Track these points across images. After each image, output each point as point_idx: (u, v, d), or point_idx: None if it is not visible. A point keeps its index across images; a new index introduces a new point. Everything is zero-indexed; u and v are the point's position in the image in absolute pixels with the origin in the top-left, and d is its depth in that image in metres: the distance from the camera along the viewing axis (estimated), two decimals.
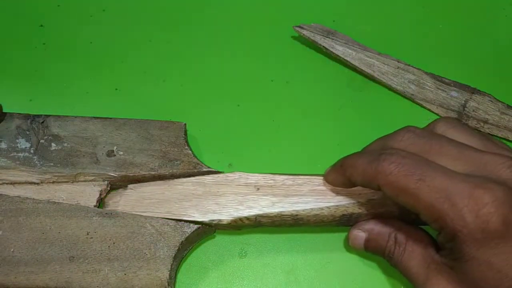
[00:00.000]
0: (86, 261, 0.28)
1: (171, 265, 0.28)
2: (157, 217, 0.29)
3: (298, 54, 0.40)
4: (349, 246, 0.30)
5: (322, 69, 0.40)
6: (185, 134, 0.33)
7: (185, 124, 0.33)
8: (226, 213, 0.29)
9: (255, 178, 0.30)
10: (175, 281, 0.30)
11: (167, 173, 0.31)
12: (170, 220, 0.29)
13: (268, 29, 0.42)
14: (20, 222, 0.29)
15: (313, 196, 0.30)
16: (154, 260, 0.28)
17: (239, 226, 0.30)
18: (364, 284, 0.30)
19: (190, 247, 0.31)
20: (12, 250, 0.28)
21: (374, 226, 0.29)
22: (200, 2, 0.43)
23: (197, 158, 0.32)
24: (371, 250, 0.29)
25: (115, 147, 0.31)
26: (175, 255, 0.28)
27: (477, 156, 0.24)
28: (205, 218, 0.29)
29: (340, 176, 0.28)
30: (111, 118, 0.33)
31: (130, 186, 0.31)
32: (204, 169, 0.31)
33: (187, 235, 0.29)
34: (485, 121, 0.36)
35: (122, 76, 0.38)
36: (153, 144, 0.32)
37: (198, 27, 0.42)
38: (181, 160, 0.31)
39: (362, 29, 0.42)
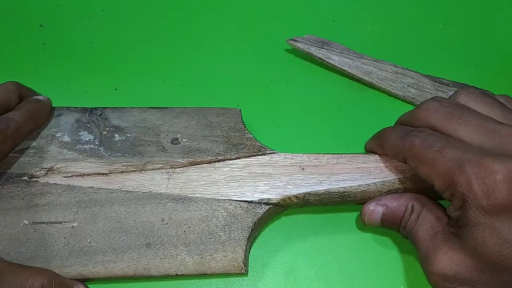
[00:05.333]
0: (163, 247, 0.28)
1: (246, 246, 0.29)
2: (229, 200, 0.30)
3: (298, 54, 0.40)
4: (362, 223, 0.30)
5: (322, 69, 0.40)
6: (242, 119, 0.33)
7: (240, 110, 0.34)
8: (274, 192, 0.30)
9: (299, 158, 0.31)
10: (248, 261, 0.30)
11: (233, 157, 0.31)
12: (242, 202, 0.30)
13: (268, 29, 0.42)
14: (95, 212, 0.29)
15: (358, 173, 0.30)
16: (229, 242, 0.29)
17: (287, 205, 0.30)
18: (364, 284, 0.30)
19: (261, 228, 0.31)
20: (89, 240, 0.28)
21: (391, 199, 0.29)
22: (200, 2, 0.43)
23: (259, 142, 0.32)
24: (387, 224, 0.29)
25: (178, 135, 0.32)
26: (249, 236, 0.29)
27: (495, 128, 0.25)
28: (254, 198, 0.30)
29: (376, 145, 0.31)
30: (168, 108, 0.33)
31: (176, 169, 0.31)
32: (268, 152, 0.31)
33: (259, 215, 0.29)
34: None
35: (122, 76, 0.38)
36: (214, 130, 0.32)
37: (198, 27, 0.42)
38: (245, 144, 0.32)
39: (362, 29, 0.42)
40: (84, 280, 0.28)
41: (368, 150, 0.32)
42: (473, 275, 0.24)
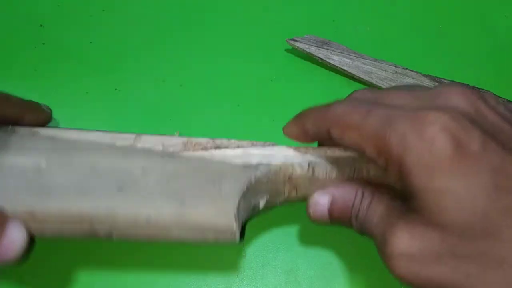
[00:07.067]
0: (137, 192, 0.24)
1: (239, 204, 0.24)
2: (227, 161, 0.25)
3: (298, 54, 0.40)
4: (310, 220, 0.25)
5: (322, 69, 0.40)
6: None
7: None
8: (275, 157, 0.26)
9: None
10: (242, 230, 0.25)
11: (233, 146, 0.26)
12: (240, 162, 0.25)
13: (268, 29, 0.42)
14: (70, 154, 0.25)
15: None
16: (219, 195, 0.24)
17: (288, 177, 0.26)
18: (364, 284, 0.30)
19: (258, 196, 0.26)
20: (51, 178, 0.25)
21: (338, 187, 0.25)
22: (200, 3, 0.43)
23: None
24: (336, 215, 0.25)
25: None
26: (242, 194, 0.25)
27: (426, 92, 0.22)
28: (253, 161, 0.25)
29: (296, 127, 0.26)
30: None
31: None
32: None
33: (257, 176, 0.25)
34: None
35: (122, 76, 0.38)
36: None
37: (198, 27, 0.42)
38: None
39: (362, 29, 0.42)
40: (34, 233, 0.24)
41: (287, 134, 0.26)
42: (442, 248, 0.19)
